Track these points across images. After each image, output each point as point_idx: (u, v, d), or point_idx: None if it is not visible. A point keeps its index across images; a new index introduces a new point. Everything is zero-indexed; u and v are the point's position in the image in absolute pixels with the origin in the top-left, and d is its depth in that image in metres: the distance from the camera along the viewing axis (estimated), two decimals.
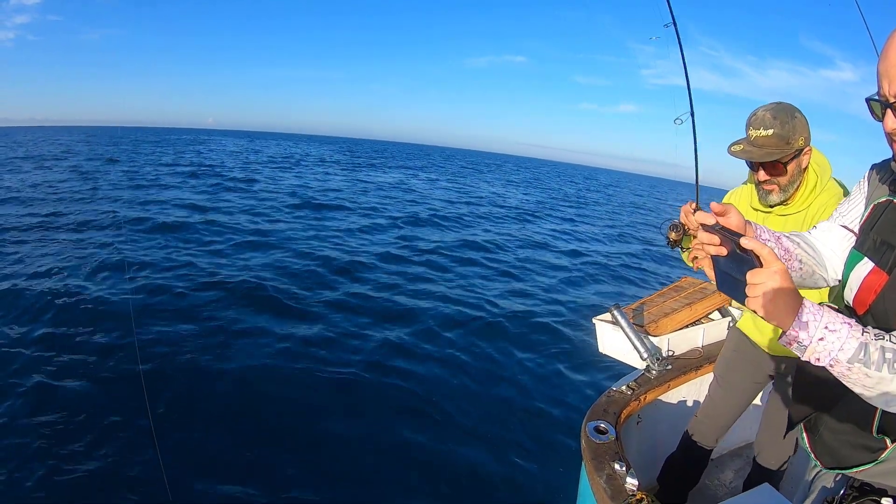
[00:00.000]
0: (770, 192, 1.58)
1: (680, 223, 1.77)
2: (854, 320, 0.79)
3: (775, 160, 1.47)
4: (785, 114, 1.45)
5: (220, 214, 10.26)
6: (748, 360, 1.88)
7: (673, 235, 1.76)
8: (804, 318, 0.76)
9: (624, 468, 1.49)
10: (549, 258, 9.33)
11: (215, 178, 16.73)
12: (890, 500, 0.98)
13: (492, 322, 5.49)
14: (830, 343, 0.76)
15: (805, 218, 1.59)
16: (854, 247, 1.00)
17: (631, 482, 1.43)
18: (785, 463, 1.93)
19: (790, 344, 0.79)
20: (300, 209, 11.95)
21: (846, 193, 1.53)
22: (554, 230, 12.86)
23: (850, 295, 0.97)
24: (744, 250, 0.79)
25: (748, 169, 1.67)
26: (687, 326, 2.41)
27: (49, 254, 6.85)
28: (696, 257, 1.56)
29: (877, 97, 0.83)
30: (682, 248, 1.81)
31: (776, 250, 0.98)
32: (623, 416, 1.84)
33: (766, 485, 1.86)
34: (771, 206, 1.64)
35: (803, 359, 0.79)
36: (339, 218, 11.26)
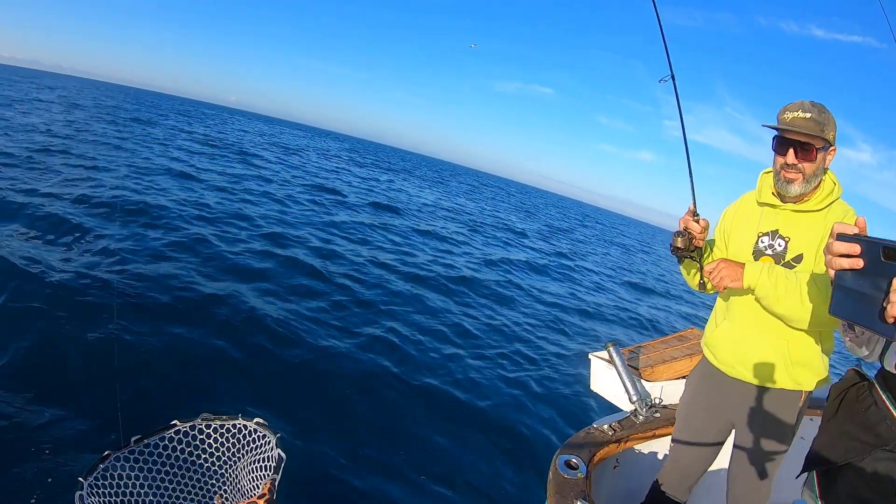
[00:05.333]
0: (793, 181, 1.56)
1: (687, 231, 1.74)
2: None
3: (811, 141, 1.50)
4: (821, 105, 1.52)
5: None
6: (709, 403, 1.81)
7: (679, 242, 1.73)
8: None
9: None
10: None
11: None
12: None
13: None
14: None
15: (824, 222, 1.55)
16: None
17: None
18: None
19: None
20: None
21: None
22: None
23: None
24: (889, 257, 0.73)
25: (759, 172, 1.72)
26: (684, 377, 2.36)
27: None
28: (710, 279, 1.57)
29: None
30: (689, 257, 1.75)
31: None
32: (599, 455, 1.82)
33: None
34: (788, 198, 1.61)
35: None
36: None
